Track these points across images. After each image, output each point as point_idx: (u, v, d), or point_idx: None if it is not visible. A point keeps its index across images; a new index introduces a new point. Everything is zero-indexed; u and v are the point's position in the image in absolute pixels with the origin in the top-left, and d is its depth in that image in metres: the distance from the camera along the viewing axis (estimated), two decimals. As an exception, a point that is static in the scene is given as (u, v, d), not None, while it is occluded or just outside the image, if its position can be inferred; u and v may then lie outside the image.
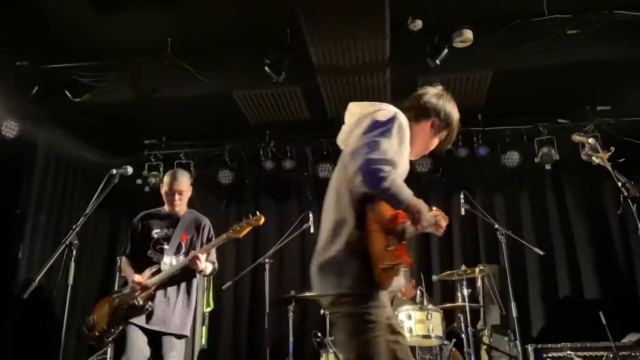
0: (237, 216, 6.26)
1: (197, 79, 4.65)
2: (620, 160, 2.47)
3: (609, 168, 2.30)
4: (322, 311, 4.41)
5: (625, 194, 2.17)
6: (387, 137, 1.84)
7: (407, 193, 1.82)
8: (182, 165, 5.93)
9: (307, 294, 4.62)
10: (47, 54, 4.54)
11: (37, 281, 2.20)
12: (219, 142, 5.96)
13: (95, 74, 4.68)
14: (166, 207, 3.38)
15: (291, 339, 4.44)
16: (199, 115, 5.49)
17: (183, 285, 3.19)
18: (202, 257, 3.10)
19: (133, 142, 5.92)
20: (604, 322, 3.72)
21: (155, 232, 3.28)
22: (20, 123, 4.68)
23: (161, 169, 5.88)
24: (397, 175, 1.84)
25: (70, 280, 2.36)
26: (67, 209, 5.44)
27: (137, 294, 3.01)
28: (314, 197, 6.11)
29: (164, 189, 3.34)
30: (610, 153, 2.37)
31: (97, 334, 3.00)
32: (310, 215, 4.77)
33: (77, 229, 2.43)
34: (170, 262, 3.16)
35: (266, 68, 4.49)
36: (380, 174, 1.75)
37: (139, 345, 2.97)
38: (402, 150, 1.91)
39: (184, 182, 3.36)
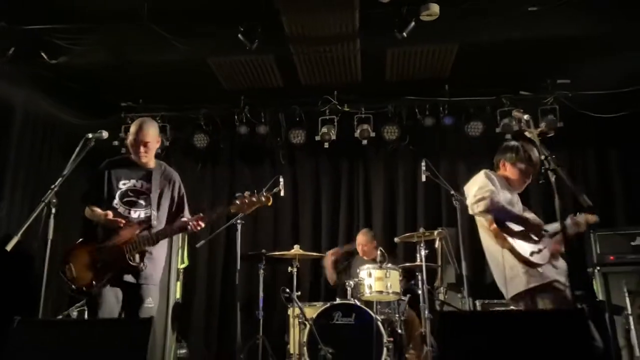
0: (212, 179, 6.51)
1: (172, 45, 4.76)
2: (549, 136, 2.75)
3: (537, 142, 2.58)
4: (289, 269, 4.73)
5: (547, 165, 2.46)
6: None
7: None
8: (159, 128, 6.06)
9: (277, 252, 4.94)
10: (23, 15, 4.58)
11: (19, 235, 2.41)
12: (194, 106, 6.09)
13: (71, 37, 4.75)
14: (133, 157, 3.22)
15: (261, 294, 4.75)
16: (174, 79, 5.60)
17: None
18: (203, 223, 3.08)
19: (110, 104, 6.02)
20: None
21: (123, 183, 3.13)
22: (-3, 83, 4.76)
23: (138, 131, 6.01)
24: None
25: (50, 235, 2.57)
26: (45, 168, 5.58)
27: (128, 249, 2.92)
28: (286, 162, 6.36)
29: (129, 138, 3.17)
30: (540, 129, 2.65)
31: (80, 287, 2.90)
32: (281, 179, 5.01)
33: (55, 189, 2.62)
34: (156, 215, 3.09)
35: (239, 36, 4.63)
36: None
37: (112, 300, 2.93)
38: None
39: (152, 132, 3.18)
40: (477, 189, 2.93)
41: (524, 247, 2.87)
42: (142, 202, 3.15)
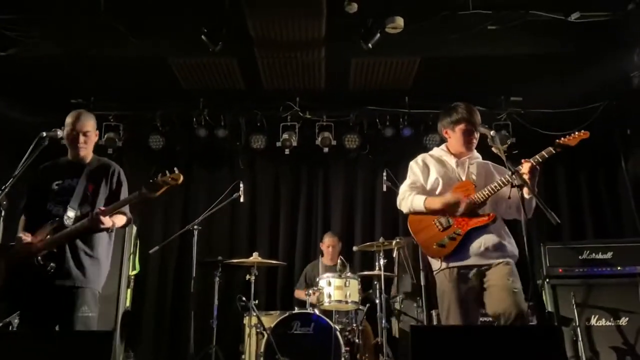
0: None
1: (130, 41, 4.59)
2: (514, 152, 2.83)
3: (504, 158, 2.65)
4: (247, 277, 4.62)
5: (514, 182, 2.54)
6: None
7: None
8: (111, 128, 5.84)
9: (234, 260, 4.82)
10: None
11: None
12: (150, 105, 5.88)
13: (21, 28, 4.50)
14: (69, 156, 3.05)
15: (216, 302, 4.63)
16: (130, 77, 5.38)
17: (91, 238, 2.90)
18: (105, 218, 2.78)
19: (60, 101, 5.70)
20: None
21: (56, 184, 2.97)
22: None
23: (89, 130, 5.74)
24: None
25: (-1, 239, 2.38)
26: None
27: (34, 252, 2.71)
28: (245, 167, 6.25)
29: (66, 130, 2.99)
30: (506, 146, 2.73)
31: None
32: (241, 184, 4.92)
33: (6, 190, 2.43)
34: (74, 215, 2.86)
35: (203, 37, 4.51)
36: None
37: (39, 304, 2.73)
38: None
39: (90, 122, 3.03)
40: (404, 186, 3.01)
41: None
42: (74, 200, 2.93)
